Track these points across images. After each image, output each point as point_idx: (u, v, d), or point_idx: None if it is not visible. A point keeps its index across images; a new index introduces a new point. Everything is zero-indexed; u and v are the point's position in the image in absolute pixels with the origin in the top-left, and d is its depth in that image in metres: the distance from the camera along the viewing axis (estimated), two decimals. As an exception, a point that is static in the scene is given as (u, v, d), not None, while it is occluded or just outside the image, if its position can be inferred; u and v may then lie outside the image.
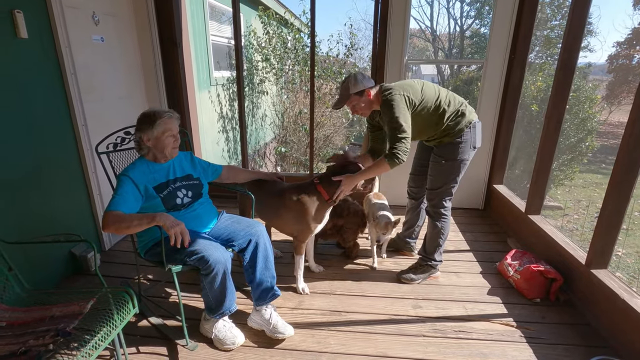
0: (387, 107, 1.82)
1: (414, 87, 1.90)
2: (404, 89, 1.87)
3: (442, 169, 2.00)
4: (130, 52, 2.81)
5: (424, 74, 26.82)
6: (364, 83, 1.87)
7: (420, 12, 25.33)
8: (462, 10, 15.22)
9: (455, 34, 15.53)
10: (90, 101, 2.32)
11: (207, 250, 1.55)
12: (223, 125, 5.13)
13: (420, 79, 10.86)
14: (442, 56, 16.30)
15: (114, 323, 1.35)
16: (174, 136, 1.69)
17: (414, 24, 15.75)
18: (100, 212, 2.43)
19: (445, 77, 15.08)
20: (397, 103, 1.80)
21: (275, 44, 5.94)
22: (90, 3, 2.35)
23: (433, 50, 17.05)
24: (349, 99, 1.90)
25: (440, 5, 15.93)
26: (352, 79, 1.87)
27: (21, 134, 1.87)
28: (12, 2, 1.78)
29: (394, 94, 1.82)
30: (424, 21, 16.79)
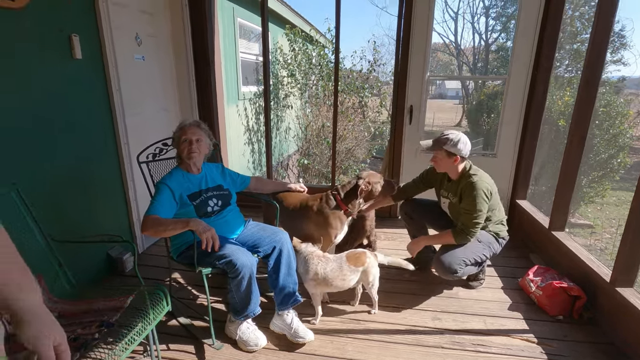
0: (472, 190, 1.96)
1: (494, 188, 2.05)
2: (489, 183, 2.02)
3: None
4: (167, 69, 3.03)
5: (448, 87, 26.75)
6: (460, 148, 1.96)
7: (445, 27, 25.32)
8: (487, 25, 15.13)
9: (480, 48, 15.44)
10: (131, 114, 2.52)
11: (234, 254, 1.66)
12: (249, 138, 5.33)
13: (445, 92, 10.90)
14: (466, 70, 16.21)
15: (148, 319, 1.46)
16: (189, 142, 1.83)
17: (438, 38, 15.83)
18: (136, 216, 2.60)
19: (469, 91, 14.95)
20: (482, 192, 1.96)
21: (300, 60, 6.15)
22: (135, 26, 2.58)
23: (457, 64, 17.00)
24: (439, 149, 2.01)
25: (465, 20, 15.94)
26: (454, 138, 1.97)
27: (70, 142, 2.07)
28: (71, 27, 2.00)
29: (481, 183, 1.97)
30: (448, 36, 16.81)
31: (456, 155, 1.99)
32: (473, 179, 1.99)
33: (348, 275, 1.87)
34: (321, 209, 2.10)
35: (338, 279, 1.85)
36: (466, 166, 2.07)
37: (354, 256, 1.91)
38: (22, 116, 1.77)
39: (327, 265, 1.85)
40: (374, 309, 2.03)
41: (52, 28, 1.90)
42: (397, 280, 2.37)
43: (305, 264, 1.87)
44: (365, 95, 6.24)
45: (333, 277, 1.84)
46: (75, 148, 2.10)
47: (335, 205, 2.11)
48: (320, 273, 1.84)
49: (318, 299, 1.94)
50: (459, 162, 2.03)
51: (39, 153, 1.86)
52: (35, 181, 1.83)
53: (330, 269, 1.85)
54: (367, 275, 1.91)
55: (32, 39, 1.79)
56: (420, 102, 3.07)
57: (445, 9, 14.97)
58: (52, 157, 1.94)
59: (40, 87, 1.85)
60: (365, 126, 6.55)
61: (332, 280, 1.84)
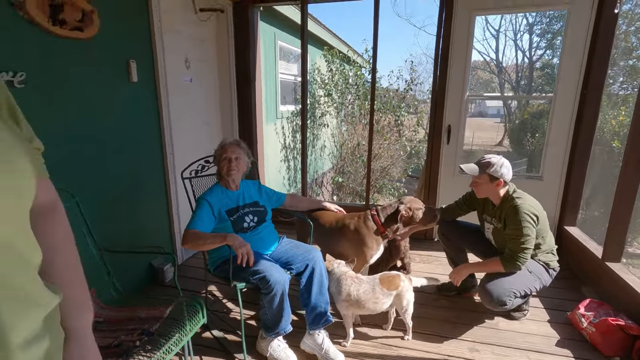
0: (516, 214, 1.87)
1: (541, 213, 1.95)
2: (535, 206, 1.93)
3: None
4: (212, 90, 3.22)
5: (489, 105, 25.89)
6: (503, 173, 1.91)
7: (485, 45, 24.76)
8: (531, 42, 14.61)
9: (523, 65, 14.91)
10: (177, 132, 2.69)
11: (268, 270, 1.69)
12: (285, 155, 5.46)
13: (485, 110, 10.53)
14: (508, 88, 15.65)
15: (185, 330, 1.51)
16: (229, 160, 1.91)
17: (478, 56, 15.48)
18: (177, 229, 2.73)
19: (511, 109, 14.39)
20: (527, 215, 1.86)
21: (337, 80, 6.28)
22: (185, 50, 2.78)
23: (499, 82, 16.47)
24: (481, 174, 1.95)
25: (507, 37, 15.51)
26: (497, 162, 1.92)
27: (122, 158, 2.24)
28: (129, 54, 2.20)
29: (526, 206, 1.88)
30: (488, 54, 16.39)
31: (499, 179, 1.92)
32: (517, 202, 1.90)
33: (381, 298, 1.83)
34: (358, 228, 2.10)
35: (370, 301, 1.82)
36: (509, 190, 1.99)
37: (387, 279, 1.87)
38: (84, 133, 1.95)
39: (360, 287, 1.83)
40: (408, 335, 1.96)
41: (114, 55, 2.10)
42: (434, 307, 2.27)
43: (337, 285, 1.86)
44: (401, 114, 6.21)
45: (366, 299, 1.81)
46: (126, 163, 2.26)
47: (373, 226, 2.09)
48: (353, 295, 1.81)
49: (350, 321, 1.91)
50: (502, 186, 1.95)
51: (95, 167, 2.03)
52: (89, 194, 1.99)
53: (363, 291, 1.82)
54: (401, 299, 1.86)
55: (97, 65, 1.99)
56: (459, 122, 3.00)
57: (486, 27, 14.68)
58: (106, 171, 2.11)
59: (101, 107, 2.04)
60: (401, 145, 6.49)
61: (365, 302, 1.81)
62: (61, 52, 1.78)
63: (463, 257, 2.34)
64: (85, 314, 0.62)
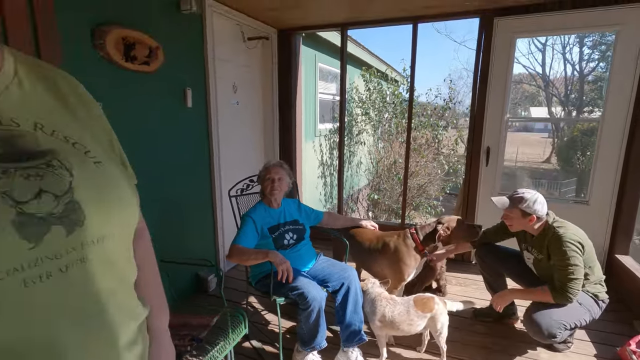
0: (560, 244, 1.83)
1: (586, 241, 1.90)
2: (579, 234, 1.88)
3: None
4: (256, 112, 3.44)
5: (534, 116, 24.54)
6: (536, 209, 1.88)
7: (531, 59, 23.75)
8: (581, 55, 13.87)
9: (573, 79, 14.16)
10: (223, 153, 2.91)
11: (306, 287, 1.78)
12: (322, 172, 5.59)
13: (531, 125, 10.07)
14: (556, 102, 14.90)
15: (229, 339, 1.64)
16: (272, 180, 2.04)
17: (522, 69, 14.92)
18: (221, 243, 2.92)
19: (559, 125, 13.64)
20: (571, 244, 1.82)
21: (375, 98, 6.38)
22: (233, 76, 3.02)
23: (545, 96, 15.73)
24: (513, 208, 1.93)
25: (555, 50, 14.83)
26: (530, 198, 1.88)
27: (177, 175, 2.46)
28: (186, 82, 2.45)
29: (570, 234, 1.84)
30: (534, 67, 15.74)
31: (532, 215, 1.89)
32: (559, 231, 1.85)
33: (415, 320, 1.85)
34: (398, 246, 2.15)
35: (405, 323, 1.85)
36: (548, 220, 1.94)
37: (422, 301, 1.90)
38: (148, 154, 2.19)
39: (394, 309, 1.87)
40: (442, 359, 1.95)
41: (173, 84, 2.35)
42: (469, 331, 2.24)
43: (372, 305, 1.91)
44: (439, 132, 6.16)
45: (400, 321, 1.84)
46: (180, 181, 2.49)
47: (412, 244, 2.14)
48: (388, 316, 1.86)
49: (383, 341, 1.94)
50: (535, 221, 1.91)
51: (154, 185, 2.26)
52: (148, 209, 2.21)
53: (398, 313, 1.86)
54: (435, 322, 1.87)
55: (159, 94, 2.25)
56: (498, 143, 2.97)
57: (531, 40, 14.17)
58: (162, 188, 2.34)
59: (162, 130, 2.29)
60: (438, 163, 6.41)
61: (399, 324, 1.85)
62: (131, 83, 2.04)
63: (502, 283, 2.29)
64: (162, 317, 0.74)
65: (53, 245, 0.43)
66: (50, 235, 0.43)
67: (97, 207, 0.49)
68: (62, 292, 0.44)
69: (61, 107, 0.55)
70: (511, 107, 2.85)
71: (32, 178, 0.43)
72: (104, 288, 0.50)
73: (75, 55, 1.75)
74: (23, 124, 0.47)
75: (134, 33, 1.98)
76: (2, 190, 0.40)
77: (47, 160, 0.46)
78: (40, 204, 0.42)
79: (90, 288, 0.48)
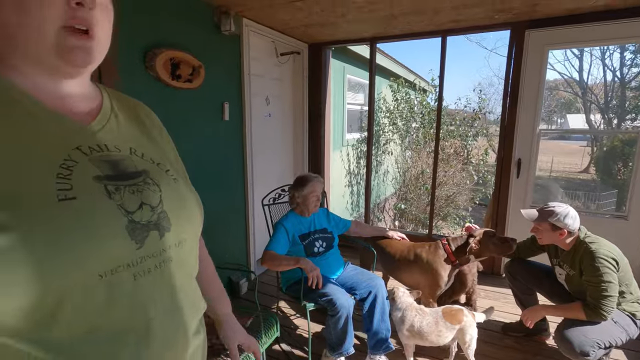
0: (593, 260, 1.81)
1: (621, 258, 1.86)
2: (613, 250, 1.85)
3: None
4: (287, 123, 3.58)
5: (572, 126, 23.50)
6: (568, 223, 1.85)
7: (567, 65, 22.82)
8: (622, 60, 13.19)
9: (613, 85, 13.49)
10: (256, 163, 3.05)
11: (335, 294, 1.86)
12: (349, 180, 5.66)
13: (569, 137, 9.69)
14: (595, 109, 14.22)
15: (261, 342, 1.73)
16: (316, 196, 2.14)
17: (557, 75, 14.38)
18: (252, 249, 3.05)
19: (599, 135, 12.99)
20: (604, 260, 1.79)
21: (402, 108, 6.40)
22: (266, 90, 3.18)
23: (582, 102, 15.05)
24: (543, 222, 1.91)
25: (593, 57, 14.20)
26: (561, 212, 1.86)
27: (214, 183, 2.62)
28: (224, 97, 2.61)
29: (603, 250, 1.81)
30: (571, 74, 15.10)
31: (562, 229, 1.86)
32: (592, 247, 1.82)
33: (444, 331, 1.87)
34: (430, 257, 2.18)
35: (433, 334, 1.87)
36: (579, 235, 1.91)
37: (451, 312, 1.92)
38: (190, 165, 2.35)
39: (423, 319, 1.90)
40: None
41: (213, 99, 2.52)
42: (499, 346, 2.22)
43: (401, 314, 1.95)
44: (468, 142, 6.08)
45: (428, 331, 1.87)
46: (216, 190, 2.64)
47: (444, 255, 2.17)
48: (416, 326, 1.89)
49: (410, 351, 1.97)
50: (566, 236, 1.88)
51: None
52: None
53: (426, 323, 1.89)
54: (464, 334, 1.88)
55: (201, 108, 2.42)
56: (529, 156, 2.93)
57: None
58: (201, 195, 2.48)
59: (203, 142, 2.46)
60: (467, 173, 6.31)
61: (427, 334, 1.87)
62: (176, 99, 2.22)
63: (533, 300, 2.26)
64: (225, 303, 0.88)
65: (151, 246, 0.54)
66: (150, 239, 0.54)
67: (177, 216, 0.60)
68: (156, 285, 0.55)
69: (143, 132, 0.67)
70: (546, 115, 2.80)
71: (136, 193, 0.54)
72: (180, 283, 0.61)
73: (130, 75, 1.94)
74: (123, 150, 0.59)
75: (180, 54, 2.16)
76: (117, 203, 0.51)
77: (143, 179, 0.57)
78: (142, 214, 0.54)
79: (173, 283, 0.59)
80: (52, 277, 0.44)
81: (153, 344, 0.54)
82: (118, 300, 0.50)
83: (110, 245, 0.49)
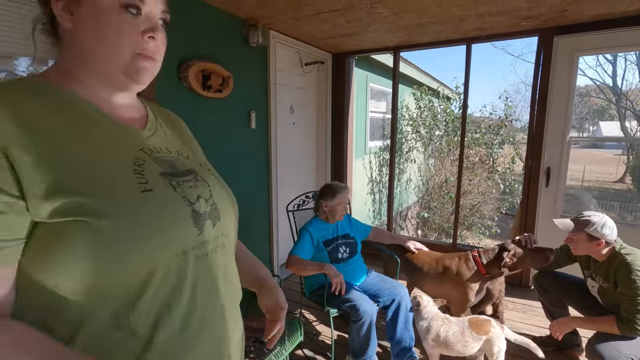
0: (628, 272, 1.74)
1: None
2: None
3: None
4: (310, 131, 3.64)
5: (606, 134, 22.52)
6: (605, 233, 1.78)
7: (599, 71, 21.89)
8: (660, 64, 12.55)
9: (651, 91, 12.84)
10: (280, 169, 3.12)
11: (358, 300, 1.87)
12: (371, 188, 5.66)
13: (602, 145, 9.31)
14: (629, 116, 13.57)
15: (285, 346, 1.76)
16: (344, 207, 2.17)
17: (588, 81, 13.84)
18: (276, 253, 3.10)
19: (635, 145, 12.36)
20: None
21: (425, 116, 6.35)
22: (291, 99, 3.26)
23: (616, 109, 14.39)
24: (578, 232, 1.85)
25: (628, 62, 13.59)
26: (598, 222, 1.79)
27: (240, 189, 2.69)
28: (251, 106, 2.70)
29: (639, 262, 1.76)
30: (603, 79, 14.49)
31: (599, 239, 1.80)
32: (628, 259, 1.74)
33: (470, 342, 1.84)
34: (460, 269, 2.15)
35: (459, 344, 1.84)
36: (615, 246, 1.83)
37: (477, 323, 1.88)
38: (219, 166, 2.44)
39: (449, 329, 1.87)
40: None
41: (241, 108, 2.62)
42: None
43: (427, 324, 1.92)
44: (494, 151, 5.94)
45: (454, 341, 1.85)
46: (243, 194, 2.71)
47: (474, 267, 2.13)
48: (442, 335, 1.87)
49: (434, 360, 1.95)
50: (603, 246, 1.81)
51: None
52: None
53: (452, 333, 1.86)
54: (491, 346, 1.84)
55: (229, 117, 2.51)
56: (559, 164, 2.85)
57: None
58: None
59: (231, 149, 2.55)
60: (493, 181, 6.16)
61: (453, 344, 1.85)
62: (207, 109, 2.32)
63: (564, 313, 2.17)
64: (265, 269, 0.93)
65: (208, 233, 0.61)
66: (206, 227, 0.61)
67: (223, 208, 0.67)
68: (212, 268, 0.62)
69: (181, 137, 0.75)
70: (577, 122, 2.73)
71: (192, 188, 0.62)
72: (228, 268, 0.68)
73: (165, 86, 2.05)
74: (172, 152, 0.66)
75: (211, 65, 2.27)
76: (181, 195, 0.59)
77: (194, 176, 0.65)
78: (199, 205, 0.61)
79: (224, 266, 0.66)
80: (145, 255, 0.51)
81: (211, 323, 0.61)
82: (184, 281, 0.56)
83: (183, 230, 0.56)
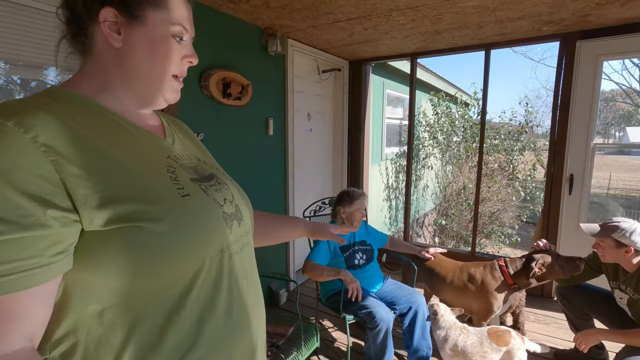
0: None
1: None
2: None
3: None
4: (327, 137, 3.67)
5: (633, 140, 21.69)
6: (635, 240, 1.72)
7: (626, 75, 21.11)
8: (692, 68, 12.03)
9: (682, 96, 12.31)
10: (297, 176, 3.15)
11: (375, 307, 1.86)
12: (387, 195, 5.62)
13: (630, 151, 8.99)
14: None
15: (301, 351, 1.77)
16: (362, 213, 2.17)
17: (614, 86, 13.36)
18: (292, 259, 3.12)
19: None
20: None
21: (443, 122, 6.28)
22: (308, 106, 3.30)
23: (645, 115, 13.84)
24: (605, 237, 1.80)
25: (656, 64, 13.09)
26: (627, 228, 1.73)
27: (257, 193, 2.74)
28: (269, 113, 2.75)
29: None
30: (630, 84, 13.98)
31: (629, 247, 1.73)
32: None
33: (489, 352, 1.80)
34: (485, 278, 2.10)
35: (477, 354, 1.81)
36: None
37: (496, 333, 1.84)
38: (237, 176, 2.49)
39: (467, 339, 1.84)
40: None
41: (259, 115, 2.67)
42: (550, 373, 2.08)
43: (445, 333, 1.89)
44: (514, 157, 5.81)
45: (473, 352, 1.81)
46: (260, 199, 2.76)
47: (500, 277, 2.08)
48: (460, 346, 1.83)
49: (452, 371, 1.91)
50: (633, 254, 1.75)
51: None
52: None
53: (470, 344, 1.82)
54: (511, 357, 1.79)
55: (248, 124, 2.57)
56: (583, 171, 2.76)
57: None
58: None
59: (249, 155, 2.59)
60: (513, 189, 6.01)
61: (471, 355, 1.81)
62: (226, 116, 2.38)
63: (589, 325, 2.09)
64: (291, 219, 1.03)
65: (235, 232, 0.65)
66: (234, 226, 0.64)
67: (244, 209, 0.71)
68: (242, 264, 0.65)
69: (195, 144, 0.78)
70: (601, 128, 2.66)
71: (218, 191, 0.65)
72: (252, 264, 0.71)
73: (187, 95, 2.11)
74: (192, 159, 0.69)
75: (230, 74, 2.33)
76: (212, 197, 0.62)
77: (216, 180, 0.68)
78: (226, 207, 0.64)
79: (250, 263, 0.69)
80: (194, 255, 0.55)
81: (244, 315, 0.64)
82: (222, 277, 0.60)
83: (219, 231, 0.60)
